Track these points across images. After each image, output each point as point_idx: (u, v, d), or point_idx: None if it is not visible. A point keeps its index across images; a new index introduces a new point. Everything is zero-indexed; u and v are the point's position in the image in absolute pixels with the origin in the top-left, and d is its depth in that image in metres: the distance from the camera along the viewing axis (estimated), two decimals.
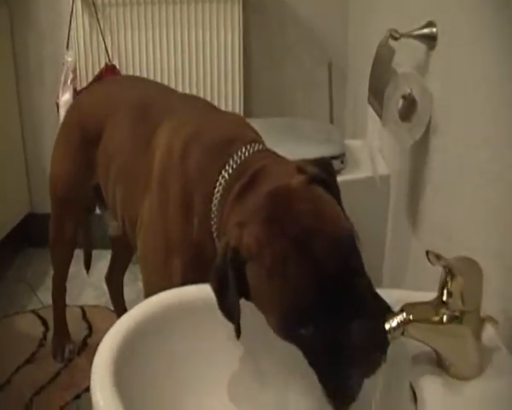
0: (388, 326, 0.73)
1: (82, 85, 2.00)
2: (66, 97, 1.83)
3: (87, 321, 1.92)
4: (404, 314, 0.73)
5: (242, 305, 0.81)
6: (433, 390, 0.74)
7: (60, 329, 1.77)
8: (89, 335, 1.86)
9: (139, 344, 0.83)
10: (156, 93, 1.28)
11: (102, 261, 1.96)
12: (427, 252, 0.67)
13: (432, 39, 1.09)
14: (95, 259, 1.79)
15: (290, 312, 0.73)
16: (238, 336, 0.81)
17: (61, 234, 1.53)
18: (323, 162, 0.87)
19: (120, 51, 2.01)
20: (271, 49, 2.15)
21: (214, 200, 0.91)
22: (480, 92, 0.88)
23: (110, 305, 1.90)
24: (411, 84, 1.08)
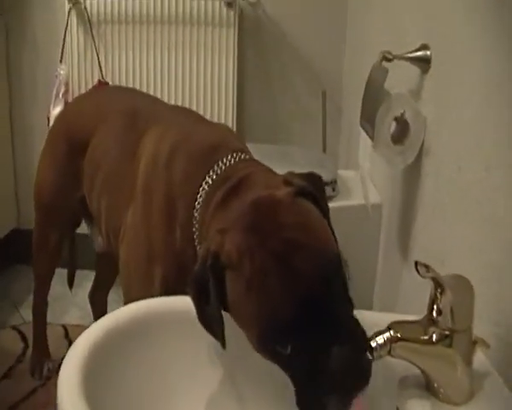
0: (374, 344, 0.70)
1: None
2: (57, 110, 1.81)
3: (69, 340, 1.86)
4: (392, 332, 0.70)
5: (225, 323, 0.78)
6: None
7: (39, 346, 1.71)
8: None
9: (108, 355, 0.78)
10: (144, 103, 1.27)
11: (89, 282, 1.92)
12: (415, 263, 0.64)
13: (425, 62, 1.09)
14: (81, 279, 1.75)
15: (266, 327, 0.70)
16: (223, 346, 0.77)
17: (45, 244, 1.49)
18: (313, 177, 0.84)
19: (114, 69, 2.00)
20: (266, 76, 2.15)
21: (197, 206, 0.89)
22: (474, 116, 0.87)
23: None
24: (404, 105, 1.07)
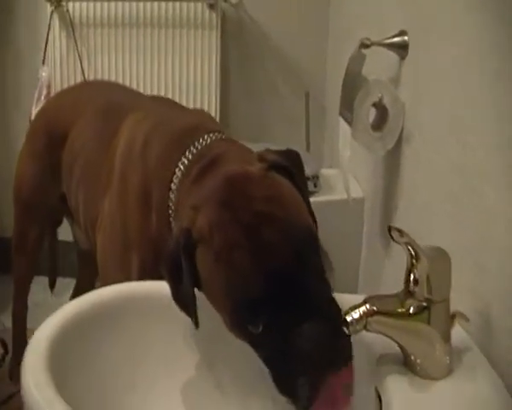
0: (350, 318, 0.68)
1: None
2: None
3: None
4: (367, 306, 0.68)
5: (201, 310, 0.76)
6: (399, 391, 0.68)
7: (19, 350, 1.66)
8: None
9: (77, 340, 0.76)
10: (122, 94, 1.26)
11: (70, 290, 1.88)
12: (389, 227, 0.62)
13: (403, 48, 1.08)
14: (63, 287, 1.71)
15: (236, 303, 0.68)
16: (197, 325, 0.75)
17: (24, 241, 1.46)
18: (290, 153, 0.83)
19: (96, 71, 1.99)
20: (249, 77, 2.15)
21: (172, 187, 0.87)
22: (450, 99, 0.87)
23: None
24: (382, 90, 1.06)
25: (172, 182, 0.87)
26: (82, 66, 1.98)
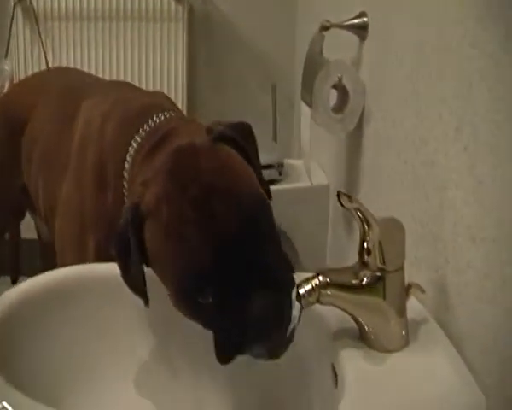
0: (302, 291, 0.66)
1: None
2: None
3: None
4: (320, 278, 0.67)
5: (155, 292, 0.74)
6: (354, 364, 0.67)
7: None
8: None
9: (23, 323, 0.74)
10: (82, 79, 1.24)
11: None
12: (338, 193, 0.61)
13: (363, 29, 1.08)
14: None
15: (185, 275, 0.66)
16: (146, 304, 0.73)
17: None
18: (240, 125, 0.82)
19: (61, 65, 1.95)
20: (217, 70, 2.13)
21: (126, 165, 0.85)
22: (407, 77, 0.86)
23: None
24: (342, 70, 1.05)
25: (126, 160, 0.86)
26: (46, 59, 1.94)
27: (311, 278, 0.67)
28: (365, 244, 0.65)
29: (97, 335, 0.81)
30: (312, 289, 0.66)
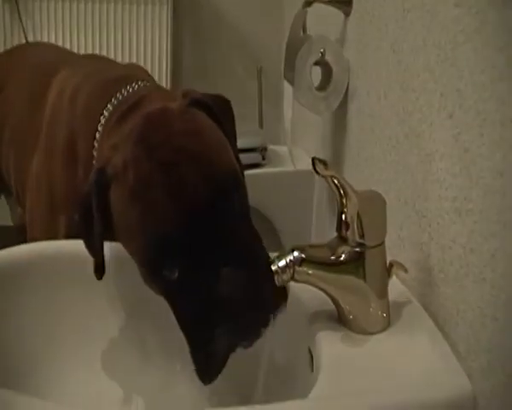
0: (275, 267, 0.62)
1: None
2: None
3: None
4: (295, 253, 0.62)
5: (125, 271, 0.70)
6: (331, 347, 0.63)
7: None
8: None
9: None
10: (56, 53, 1.19)
11: None
12: (312, 159, 0.57)
13: (347, 4, 1.03)
14: None
15: (150, 244, 0.61)
16: (99, 276, 0.69)
17: None
18: (218, 96, 0.78)
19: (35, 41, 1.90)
20: (203, 53, 2.08)
21: (97, 135, 0.80)
22: (395, 49, 0.81)
23: None
24: (325, 46, 1.00)
25: (97, 131, 0.81)
26: (27, 41, 1.88)
27: (286, 254, 0.62)
28: (343, 216, 0.61)
29: (64, 316, 0.77)
30: (286, 265, 0.61)
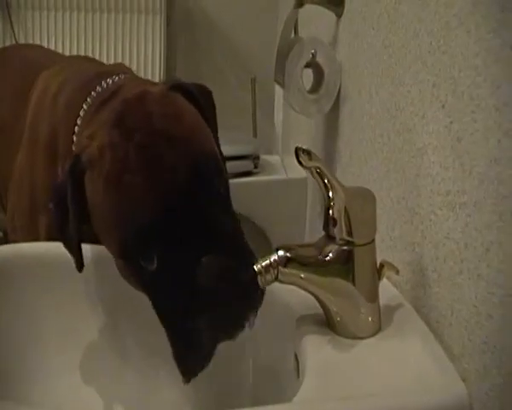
0: (258, 267, 0.58)
1: None
2: None
3: None
4: (280, 253, 0.59)
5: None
6: (318, 352, 0.59)
7: None
8: None
9: None
10: (41, 53, 1.17)
11: None
12: (296, 149, 0.53)
13: (339, 6, 1.01)
14: None
15: (126, 232, 0.58)
16: (79, 268, 0.66)
17: None
18: (200, 86, 0.75)
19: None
20: (196, 63, 2.06)
21: (76, 130, 0.77)
22: (385, 45, 0.79)
23: None
24: (316, 47, 0.98)
25: (77, 125, 0.78)
26: None
27: (270, 254, 0.59)
28: (330, 212, 0.57)
29: (41, 316, 0.74)
30: (270, 264, 0.58)
